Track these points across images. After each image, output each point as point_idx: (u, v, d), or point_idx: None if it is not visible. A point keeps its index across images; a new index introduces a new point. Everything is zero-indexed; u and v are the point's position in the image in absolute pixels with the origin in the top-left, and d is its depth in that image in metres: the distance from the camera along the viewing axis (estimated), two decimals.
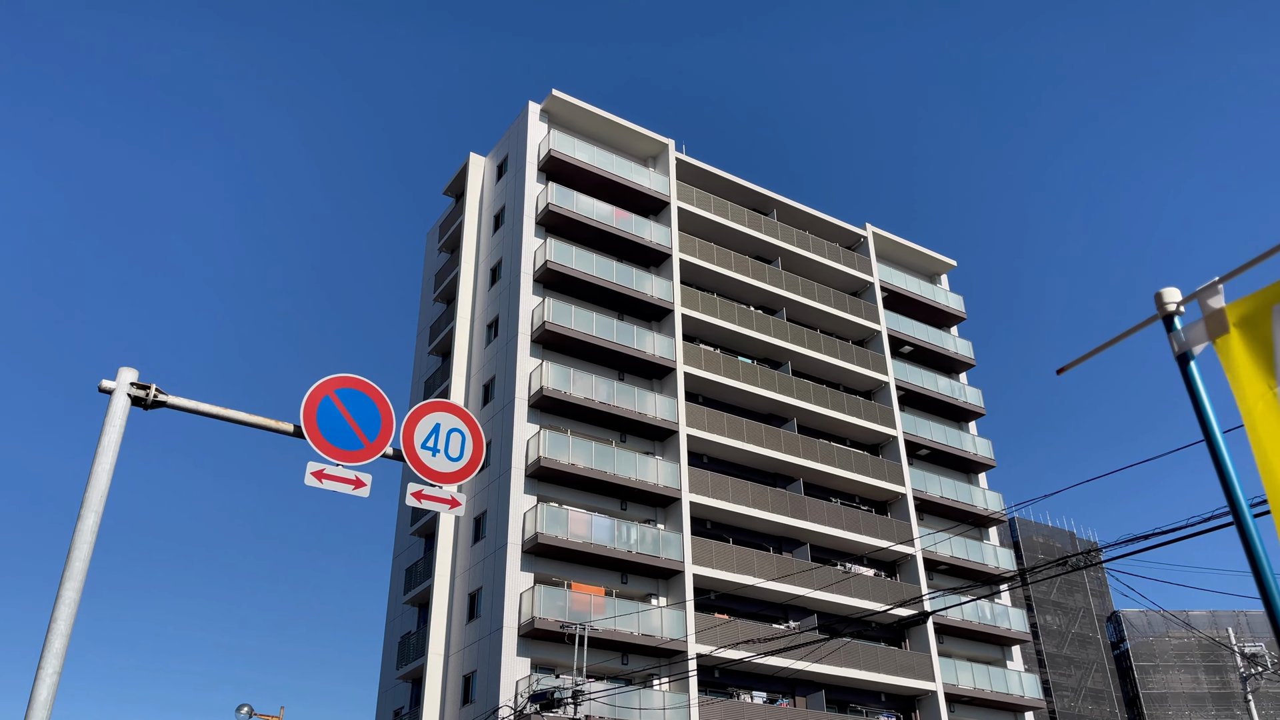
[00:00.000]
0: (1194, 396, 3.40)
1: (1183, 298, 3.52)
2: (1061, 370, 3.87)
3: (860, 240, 44.51)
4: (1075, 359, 3.77)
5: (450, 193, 41.54)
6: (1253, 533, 3.23)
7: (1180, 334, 3.40)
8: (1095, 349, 3.71)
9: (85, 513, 5.64)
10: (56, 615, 5.28)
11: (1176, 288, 3.50)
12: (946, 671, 35.53)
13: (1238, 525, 3.18)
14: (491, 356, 34.40)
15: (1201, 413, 3.35)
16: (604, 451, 31.46)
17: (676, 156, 39.00)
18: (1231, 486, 3.24)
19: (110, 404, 5.99)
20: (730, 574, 31.98)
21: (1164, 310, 3.55)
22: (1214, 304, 3.26)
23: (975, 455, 41.94)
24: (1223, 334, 3.20)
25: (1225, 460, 3.28)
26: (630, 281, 34.86)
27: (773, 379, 36.89)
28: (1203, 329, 3.30)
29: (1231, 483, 3.24)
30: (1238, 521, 3.19)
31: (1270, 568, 3.12)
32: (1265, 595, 3.06)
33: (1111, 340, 3.66)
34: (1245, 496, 3.21)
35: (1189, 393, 3.42)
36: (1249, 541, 3.22)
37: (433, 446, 6.99)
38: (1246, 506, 3.21)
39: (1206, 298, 3.27)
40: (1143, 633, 57.37)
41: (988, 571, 39.02)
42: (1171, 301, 3.55)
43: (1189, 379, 3.40)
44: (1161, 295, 3.55)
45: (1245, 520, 3.26)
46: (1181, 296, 3.53)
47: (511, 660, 27.90)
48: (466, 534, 32.45)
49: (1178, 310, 3.54)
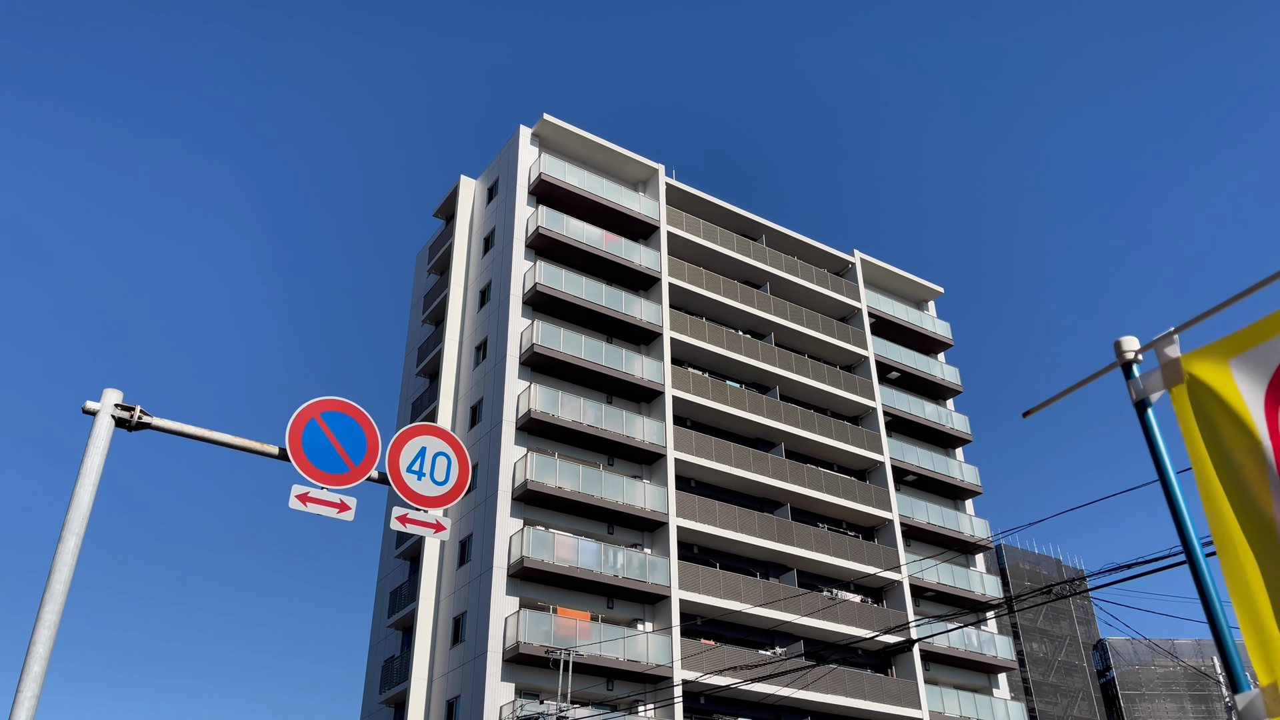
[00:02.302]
0: (1150, 442, 3.51)
1: (1140, 346, 3.63)
2: (1028, 413, 3.96)
3: (848, 266, 44.78)
4: (1041, 402, 3.87)
5: (440, 215, 41.67)
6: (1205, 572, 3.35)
7: (1138, 381, 3.50)
8: (1057, 394, 3.82)
9: (66, 535, 5.62)
10: (36, 639, 5.27)
11: (1135, 336, 3.62)
12: (933, 699, 35.46)
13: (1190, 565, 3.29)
14: (480, 379, 34.40)
15: (1158, 457, 3.46)
16: (591, 475, 31.44)
17: (666, 181, 39.23)
18: (1185, 527, 3.35)
19: (94, 425, 5.99)
20: (717, 599, 31.92)
21: (1123, 358, 3.66)
22: (1170, 353, 3.36)
23: (962, 481, 42.04)
24: (1178, 383, 3.29)
25: (1179, 503, 3.38)
26: (619, 305, 34.97)
27: (761, 403, 36.98)
28: (1159, 377, 3.39)
29: (1186, 526, 3.35)
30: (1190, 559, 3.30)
31: (1220, 603, 3.22)
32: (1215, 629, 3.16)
33: (1072, 386, 3.77)
34: (1198, 537, 3.31)
35: (1146, 440, 3.53)
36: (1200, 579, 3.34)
37: (418, 470, 7.02)
38: (1199, 546, 3.32)
39: (1163, 346, 3.38)
40: (1129, 661, 57.38)
41: (974, 598, 39.02)
42: (1130, 350, 3.66)
43: (1146, 425, 3.50)
44: (1120, 344, 3.66)
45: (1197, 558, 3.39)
46: (1140, 345, 3.64)
47: (496, 686, 27.74)
48: (452, 557, 32.33)
49: (1135, 358, 3.65)
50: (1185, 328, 3.35)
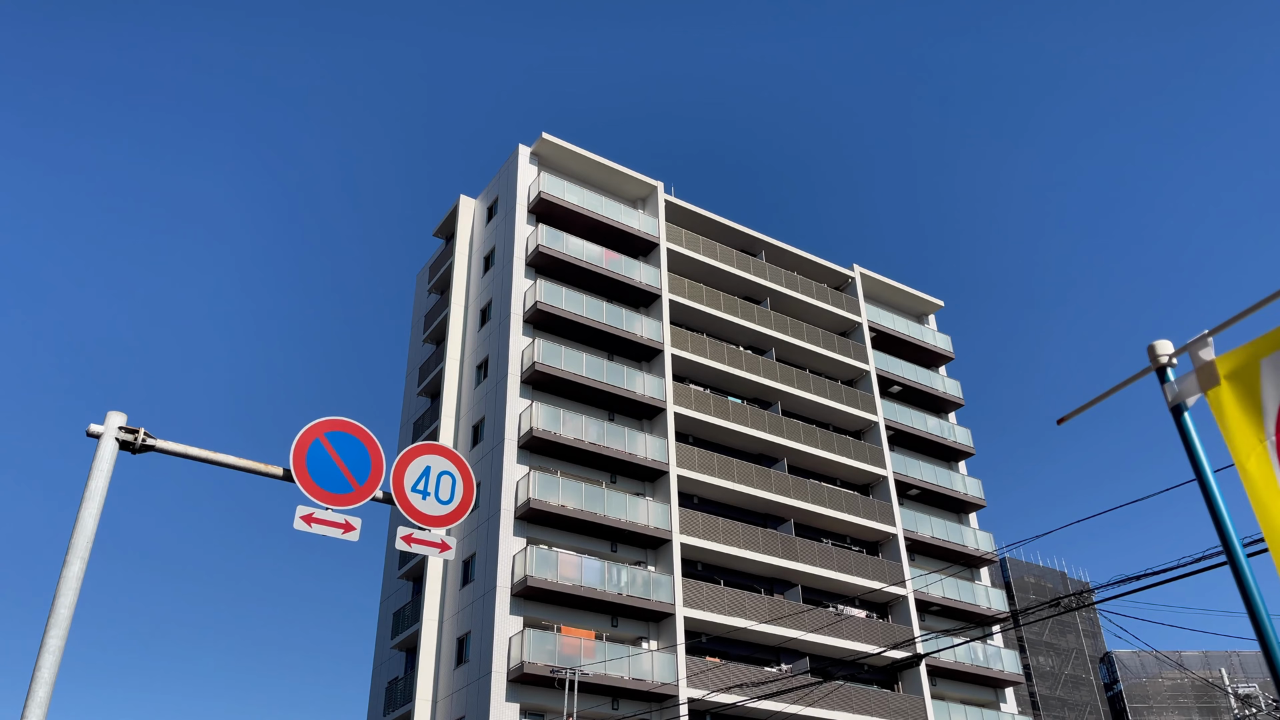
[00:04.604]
0: (1189, 447, 3.43)
1: (1174, 350, 3.56)
2: (1062, 420, 3.90)
3: (848, 281, 44.81)
4: (1074, 410, 3.81)
5: (440, 234, 41.71)
6: (1247, 574, 3.24)
7: (1174, 385, 3.43)
8: (1092, 400, 3.75)
9: (71, 559, 5.55)
10: (41, 664, 5.19)
11: (1169, 340, 3.54)
12: (940, 714, 35.21)
13: (1232, 567, 3.19)
14: (481, 397, 34.33)
15: (1197, 462, 3.37)
16: (594, 493, 31.33)
17: (665, 198, 39.30)
18: (1227, 532, 3.25)
19: (98, 448, 5.93)
20: (722, 616, 31.74)
21: (1157, 362, 3.59)
22: (1204, 356, 3.30)
23: (965, 495, 41.91)
24: (1214, 386, 3.23)
25: (1221, 509, 3.29)
26: (620, 322, 34.95)
27: (763, 419, 36.90)
28: (1194, 381, 3.32)
29: (1227, 529, 3.26)
30: (1233, 564, 3.20)
31: (1265, 607, 3.13)
32: (1261, 634, 3.06)
33: (1107, 392, 3.68)
34: (1239, 538, 3.21)
35: (1184, 443, 3.45)
36: (1244, 583, 3.24)
37: (423, 489, 6.96)
38: (1241, 549, 3.22)
39: (1197, 349, 3.31)
40: (1136, 674, 57.01)
41: (980, 612, 38.83)
42: (1164, 354, 3.58)
43: (1184, 430, 3.42)
44: (1154, 348, 3.59)
45: (1240, 563, 3.27)
46: (1174, 348, 3.56)
47: (500, 706, 27.53)
48: (455, 577, 32.16)
49: (1170, 362, 3.58)
50: (1219, 330, 3.29)
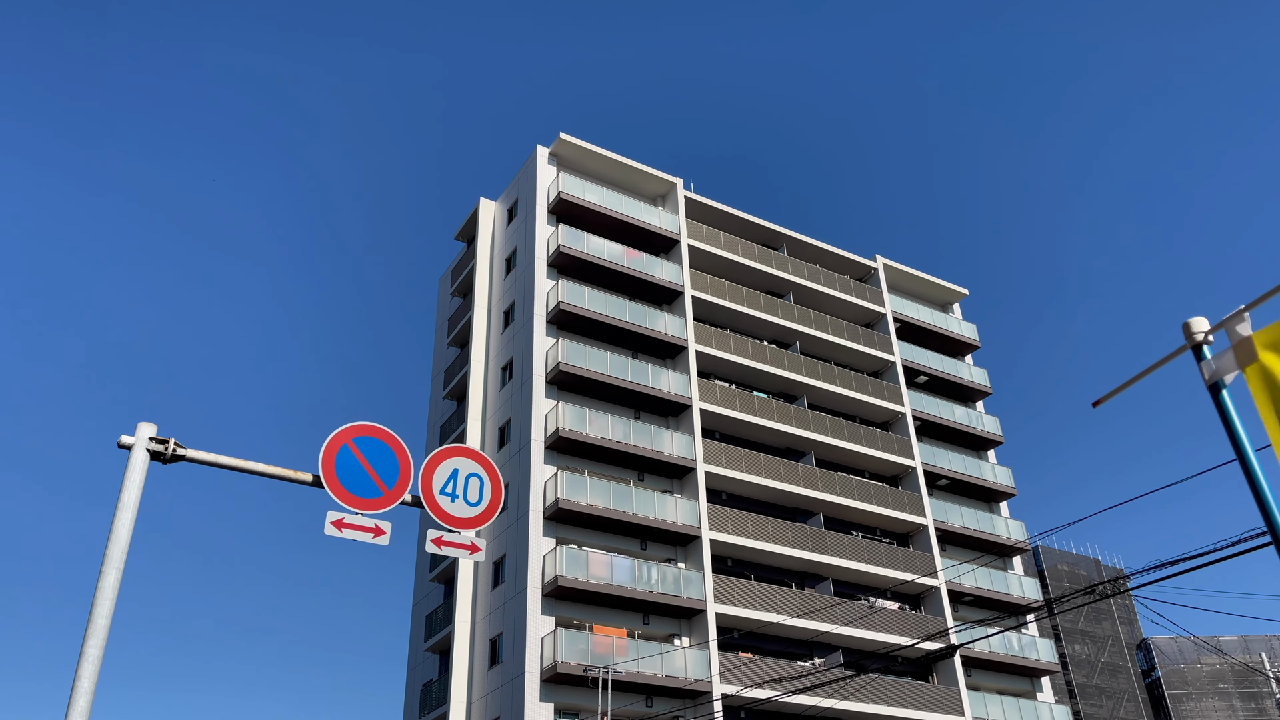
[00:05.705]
0: (1228, 425, 3.34)
1: (1210, 326, 3.46)
2: (1098, 403, 3.81)
3: (871, 272, 44.55)
4: (1109, 392, 3.73)
5: (461, 237, 41.84)
6: None
7: (1210, 363, 3.34)
8: (1127, 381, 3.66)
9: (106, 569, 5.61)
10: (80, 673, 5.25)
11: (1204, 317, 3.43)
12: (976, 705, 34.95)
13: (1279, 548, 3.12)
14: (507, 399, 34.42)
15: (1236, 441, 3.28)
16: (622, 491, 31.33)
17: (685, 195, 39.23)
18: (1270, 511, 3.17)
19: (130, 459, 5.99)
20: (753, 611, 31.66)
21: (1192, 340, 3.50)
22: (1241, 331, 3.21)
23: (995, 484, 41.55)
24: (1251, 362, 3.14)
25: (1263, 487, 3.21)
26: (643, 320, 34.93)
27: (789, 413, 36.76)
28: (1232, 357, 3.24)
29: (1270, 508, 3.17)
30: (1278, 544, 3.12)
31: None
32: None
33: (1143, 372, 3.60)
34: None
35: (1223, 422, 3.36)
36: None
37: (451, 492, 6.99)
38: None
39: (1234, 325, 3.22)
40: (1174, 660, 56.38)
41: (1013, 602, 38.49)
42: (1199, 331, 3.49)
43: (1222, 408, 3.34)
44: (1190, 325, 3.49)
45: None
46: (1209, 325, 3.47)
47: (535, 706, 27.60)
48: (486, 579, 32.27)
49: (1206, 339, 3.49)
50: (1255, 305, 3.20)
